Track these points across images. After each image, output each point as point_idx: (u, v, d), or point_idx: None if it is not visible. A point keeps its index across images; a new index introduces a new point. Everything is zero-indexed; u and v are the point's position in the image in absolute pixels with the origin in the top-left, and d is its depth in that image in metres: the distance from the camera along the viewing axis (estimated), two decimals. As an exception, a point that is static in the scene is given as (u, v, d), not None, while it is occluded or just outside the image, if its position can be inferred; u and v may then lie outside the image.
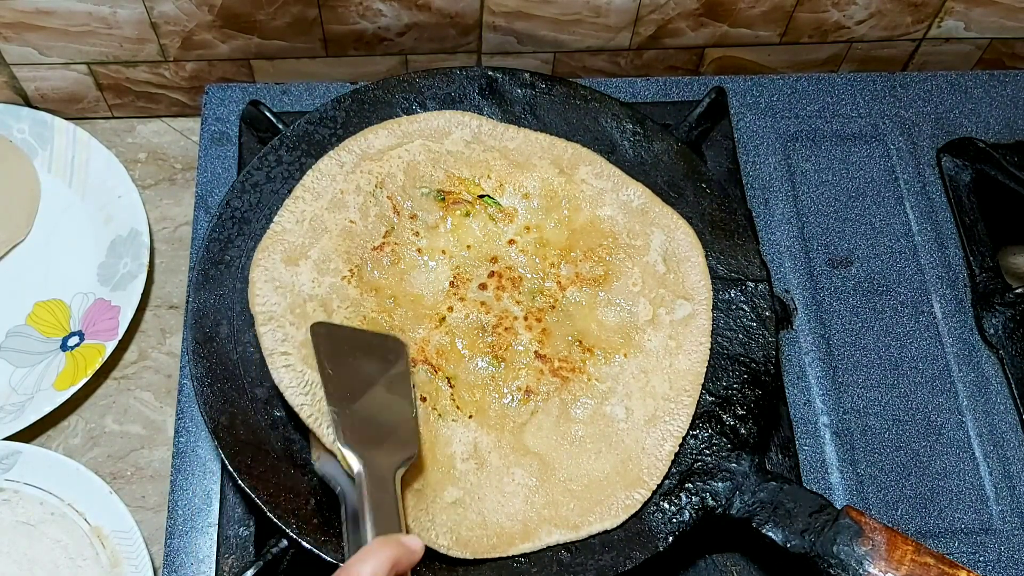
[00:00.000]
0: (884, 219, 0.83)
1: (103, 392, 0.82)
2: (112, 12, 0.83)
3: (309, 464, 0.65)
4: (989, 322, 0.78)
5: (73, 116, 0.93)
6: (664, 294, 0.72)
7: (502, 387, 0.68)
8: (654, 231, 0.74)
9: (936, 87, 0.89)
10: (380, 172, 0.73)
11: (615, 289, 0.72)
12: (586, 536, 0.64)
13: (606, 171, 0.76)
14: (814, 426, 0.74)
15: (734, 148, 0.85)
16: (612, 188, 0.75)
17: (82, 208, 0.88)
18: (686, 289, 0.72)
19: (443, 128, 0.76)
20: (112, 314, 0.82)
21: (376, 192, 0.73)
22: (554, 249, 0.73)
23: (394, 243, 0.72)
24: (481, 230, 0.73)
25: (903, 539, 0.62)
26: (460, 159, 0.75)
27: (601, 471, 0.66)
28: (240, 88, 0.85)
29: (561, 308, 0.71)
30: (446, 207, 0.73)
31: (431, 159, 0.75)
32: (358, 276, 0.70)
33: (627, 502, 0.65)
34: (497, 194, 0.75)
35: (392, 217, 0.72)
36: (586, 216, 0.74)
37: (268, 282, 0.68)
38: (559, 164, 0.76)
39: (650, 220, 0.74)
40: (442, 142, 0.76)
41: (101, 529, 0.73)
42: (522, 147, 0.77)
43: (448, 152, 0.75)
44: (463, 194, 0.74)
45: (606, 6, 0.87)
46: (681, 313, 0.71)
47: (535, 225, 0.74)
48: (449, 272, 0.72)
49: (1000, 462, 0.73)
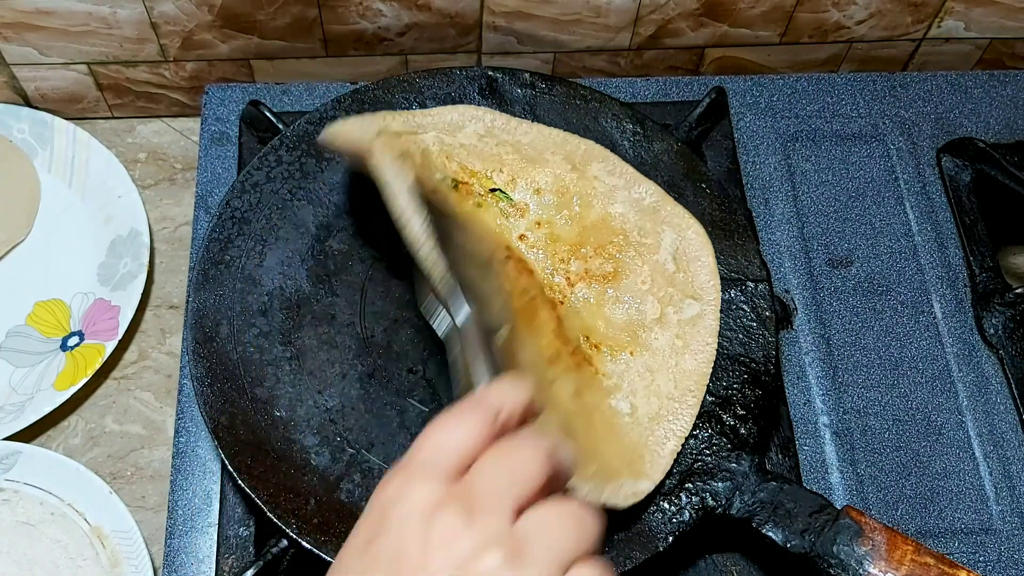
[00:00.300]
0: (884, 219, 0.83)
1: (103, 392, 0.82)
2: (112, 12, 0.83)
3: (309, 464, 0.65)
4: (989, 322, 0.78)
5: (73, 116, 0.93)
6: (673, 293, 0.72)
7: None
8: (665, 230, 0.74)
9: (936, 87, 0.89)
10: (400, 146, 0.73)
11: (624, 286, 0.72)
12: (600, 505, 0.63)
13: (619, 168, 0.76)
14: (814, 426, 0.74)
15: (734, 148, 0.85)
16: (624, 185, 0.75)
17: (82, 208, 0.88)
18: (695, 289, 0.72)
19: (456, 122, 0.76)
20: (112, 314, 0.82)
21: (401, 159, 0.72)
22: (564, 245, 0.73)
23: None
24: (492, 224, 0.73)
25: (903, 539, 0.62)
26: (473, 152, 0.75)
27: (610, 454, 0.66)
28: (240, 88, 0.85)
29: (569, 304, 0.71)
30: (459, 198, 0.73)
31: (444, 151, 0.75)
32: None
33: (634, 489, 0.64)
34: (509, 188, 0.75)
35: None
36: (597, 213, 0.74)
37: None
38: (572, 160, 0.76)
39: (661, 219, 0.74)
40: (455, 135, 0.76)
41: (101, 529, 0.73)
42: (535, 142, 0.77)
43: (461, 145, 0.75)
44: (475, 187, 0.74)
45: (606, 6, 0.87)
46: (689, 313, 0.71)
47: (546, 220, 0.74)
48: None
49: (1000, 462, 0.73)
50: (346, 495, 0.65)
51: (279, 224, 0.73)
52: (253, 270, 0.71)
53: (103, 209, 0.87)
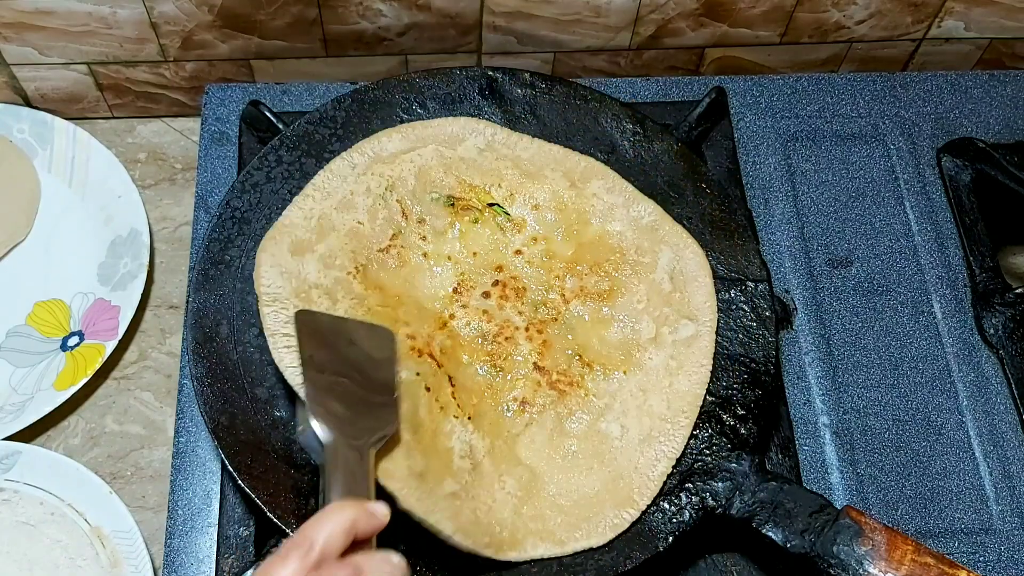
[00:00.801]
0: (884, 219, 0.83)
1: (103, 392, 0.82)
2: (112, 12, 0.84)
3: (309, 464, 0.65)
4: (989, 322, 0.78)
5: (73, 116, 0.93)
6: (669, 313, 0.71)
7: (499, 396, 0.68)
8: (663, 249, 0.74)
9: (936, 87, 0.89)
10: (391, 175, 0.73)
11: (619, 305, 0.72)
12: (571, 552, 0.63)
13: (618, 186, 0.76)
14: (814, 426, 0.74)
15: (734, 148, 0.85)
16: (623, 203, 0.75)
17: (82, 208, 0.88)
18: (691, 309, 0.72)
19: (457, 134, 0.76)
20: (112, 314, 0.82)
21: (386, 195, 0.73)
22: (560, 262, 0.73)
23: (400, 246, 0.72)
24: (488, 238, 0.73)
25: (903, 539, 0.62)
26: (472, 166, 0.75)
27: (591, 488, 0.66)
28: (240, 88, 0.85)
29: (563, 321, 0.71)
30: (455, 213, 0.73)
31: (443, 165, 0.75)
32: (363, 274, 0.70)
33: (615, 521, 0.64)
34: (507, 203, 0.74)
35: (400, 221, 0.72)
36: (595, 230, 0.74)
37: (274, 267, 0.68)
38: (571, 177, 0.76)
39: (659, 238, 0.74)
40: (455, 148, 0.76)
41: (101, 529, 0.73)
42: (535, 157, 0.77)
43: (461, 159, 0.75)
44: (473, 201, 0.74)
45: (606, 6, 0.87)
46: (684, 333, 0.71)
47: (543, 236, 0.74)
48: (453, 278, 0.72)
49: (1000, 462, 0.73)
50: (346, 495, 0.65)
51: (279, 224, 0.73)
52: (253, 270, 0.71)
53: (103, 209, 0.87)
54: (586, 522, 0.64)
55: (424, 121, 0.77)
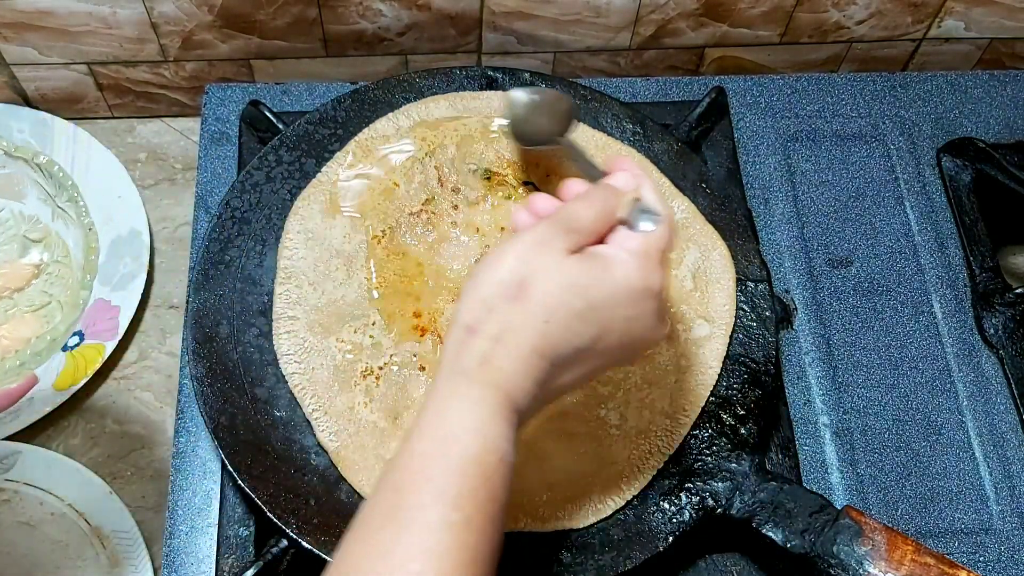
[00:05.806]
0: (884, 219, 0.83)
1: (103, 392, 0.82)
2: (112, 12, 0.84)
3: (309, 464, 0.65)
4: (989, 322, 0.78)
5: (73, 116, 0.93)
6: (686, 311, 0.71)
7: None
8: (690, 247, 0.74)
9: (936, 87, 0.89)
10: (433, 141, 0.75)
11: None
12: (551, 531, 0.64)
13: (655, 180, 0.76)
14: (814, 426, 0.74)
15: (734, 148, 0.85)
16: None
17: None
18: (709, 310, 0.72)
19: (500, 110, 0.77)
20: (112, 314, 0.82)
21: (425, 160, 0.74)
22: None
23: (431, 212, 0.72)
24: None
25: (903, 539, 0.62)
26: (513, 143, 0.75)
27: (581, 470, 0.66)
28: (240, 88, 0.85)
29: None
30: (490, 187, 0.74)
31: (485, 138, 0.75)
32: (389, 237, 0.71)
33: (598, 506, 0.65)
34: (543, 184, 0.75)
35: (435, 187, 0.73)
36: None
37: (301, 232, 0.71)
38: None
39: (689, 236, 0.74)
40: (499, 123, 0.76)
41: (101, 529, 0.73)
42: (576, 141, 0.76)
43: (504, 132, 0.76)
44: (509, 178, 0.74)
45: (606, 6, 0.87)
46: (699, 333, 0.71)
47: None
48: (479, 250, 0.72)
49: (1000, 462, 0.73)
50: (346, 495, 0.65)
51: (279, 224, 0.73)
52: (253, 270, 0.71)
53: (103, 209, 0.87)
54: (570, 503, 0.64)
55: (474, 92, 0.78)
